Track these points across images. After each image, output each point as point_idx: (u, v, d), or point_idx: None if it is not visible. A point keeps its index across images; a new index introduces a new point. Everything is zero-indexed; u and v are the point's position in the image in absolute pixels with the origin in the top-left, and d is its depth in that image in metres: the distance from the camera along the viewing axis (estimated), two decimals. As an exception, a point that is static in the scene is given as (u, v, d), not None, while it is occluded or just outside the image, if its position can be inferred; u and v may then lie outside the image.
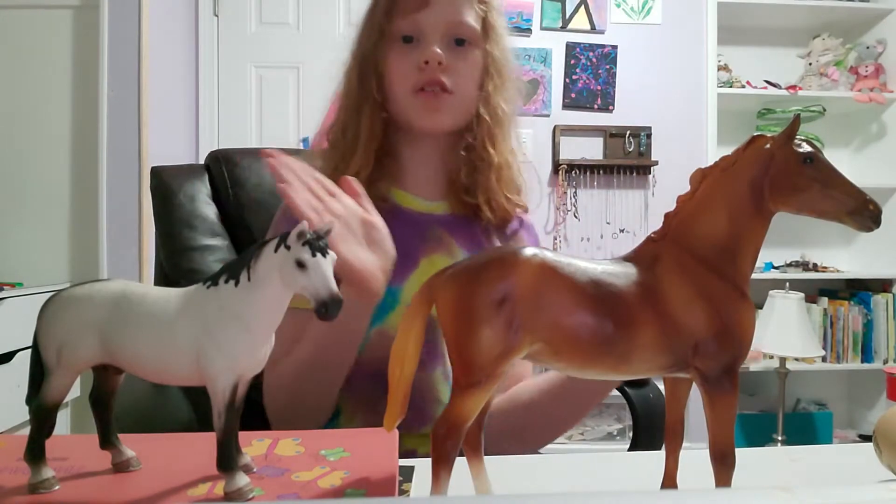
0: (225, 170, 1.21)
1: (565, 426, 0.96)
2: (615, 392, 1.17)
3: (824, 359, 2.77)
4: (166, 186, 1.18)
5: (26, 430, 0.47)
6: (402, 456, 0.53)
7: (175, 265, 1.12)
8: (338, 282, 0.44)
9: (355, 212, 0.72)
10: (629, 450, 1.11)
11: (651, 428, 1.12)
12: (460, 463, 0.45)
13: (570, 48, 2.85)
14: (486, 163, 0.94)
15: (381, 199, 0.89)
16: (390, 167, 0.93)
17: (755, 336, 0.48)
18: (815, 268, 2.87)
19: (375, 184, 0.90)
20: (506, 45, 0.97)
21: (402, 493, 0.53)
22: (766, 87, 2.84)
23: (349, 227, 0.71)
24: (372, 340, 0.86)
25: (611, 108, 2.87)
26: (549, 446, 0.97)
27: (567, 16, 2.85)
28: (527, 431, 0.92)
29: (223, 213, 1.20)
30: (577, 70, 2.85)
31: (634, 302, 0.44)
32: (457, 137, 0.96)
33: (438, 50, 0.88)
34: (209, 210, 1.18)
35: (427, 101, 0.90)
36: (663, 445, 0.51)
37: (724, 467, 0.45)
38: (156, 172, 1.21)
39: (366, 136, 0.91)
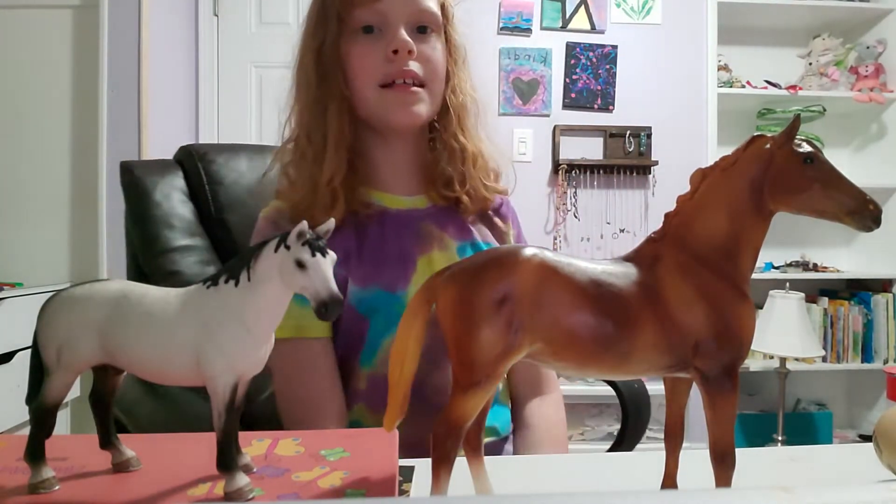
0: (200, 166, 1.16)
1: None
2: (613, 392, 1.18)
3: (824, 359, 2.76)
4: (140, 183, 1.11)
5: (26, 430, 0.47)
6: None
7: (157, 267, 1.07)
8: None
9: None
10: (616, 439, 1.12)
11: (636, 413, 1.13)
12: (460, 463, 0.45)
13: (570, 48, 2.85)
14: (460, 153, 0.91)
15: (364, 206, 0.86)
16: (363, 169, 0.88)
17: (755, 336, 0.48)
18: (815, 268, 2.87)
19: (355, 190, 0.86)
20: (462, 30, 0.93)
21: (402, 493, 0.53)
22: (766, 87, 2.84)
23: None
24: (388, 351, 0.84)
25: (611, 108, 2.87)
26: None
27: (567, 16, 2.85)
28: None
29: (200, 212, 1.15)
30: (577, 70, 2.85)
31: (634, 302, 0.44)
32: (425, 129, 0.93)
33: (407, 37, 0.83)
34: (186, 209, 1.13)
35: (400, 96, 0.85)
36: (663, 445, 0.51)
37: (724, 467, 0.45)
38: (126, 168, 1.13)
39: (335, 137, 0.85)
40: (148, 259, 1.08)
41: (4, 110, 2.63)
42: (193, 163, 1.16)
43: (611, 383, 1.15)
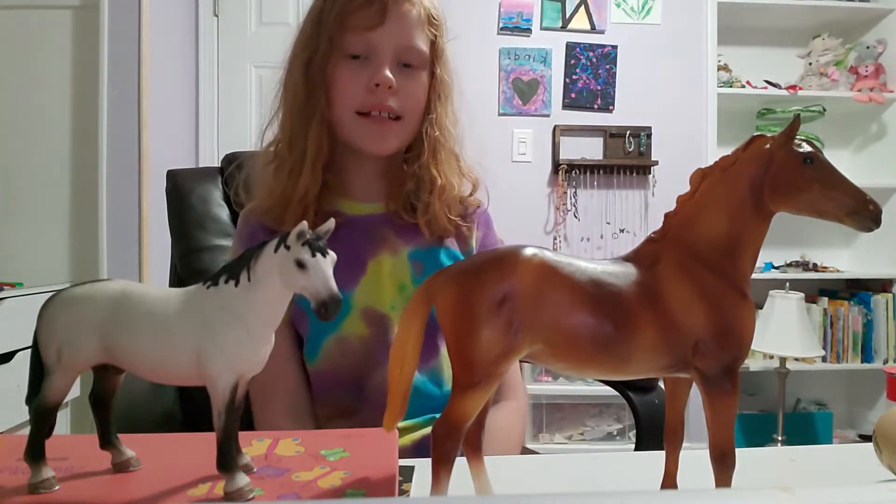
0: (236, 172, 1.19)
1: None
2: (614, 392, 1.17)
3: (824, 359, 2.76)
4: (180, 189, 1.20)
5: (26, 430, 0.47)
6: None
7: (187, 265, 1.13)
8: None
9: None
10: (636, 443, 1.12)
11: (655, 436, 1.11)
12: (460, 463, 0.45)
13: (570, 48, 2.85)
14: (430, 184, 0.93)
15: (333, 214, 0.87)
16: (335, 182, 0.91)
17: (755, 336, 0.48)
18: (815, 268, 2.87)
19: (324, 199, 0.89)
20: (451, 68, 0.96)
21: (402, 493, 0.53)
22: (766, 87, 2.84)
23: None
24: (330, 348, 0.86)
25: (611, 108, 2.87)
26: (549, 446, 0.97)
27: (567, 16, 2.85)
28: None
29: (235, 215, 1.19)
30: (577, 70, 2.85)
31: (634, 302, 0.44)
32: (400, 152, 0.95)
33: (389, 74, 0.86)
34: (222, 212, 1.19)
35: (374, 127, 0.88)
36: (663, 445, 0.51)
37: (724, 467, 0.45)
38: (171, 175, 1.22)
39: (313, 153, 0.88)
40: (181, 258, 1.15)
41: (4, 110, 2.63)
42: (231, 169, 1.22)
43: (629, 401, 1.13)
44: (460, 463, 0.45)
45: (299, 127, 0.89)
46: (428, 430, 0.91)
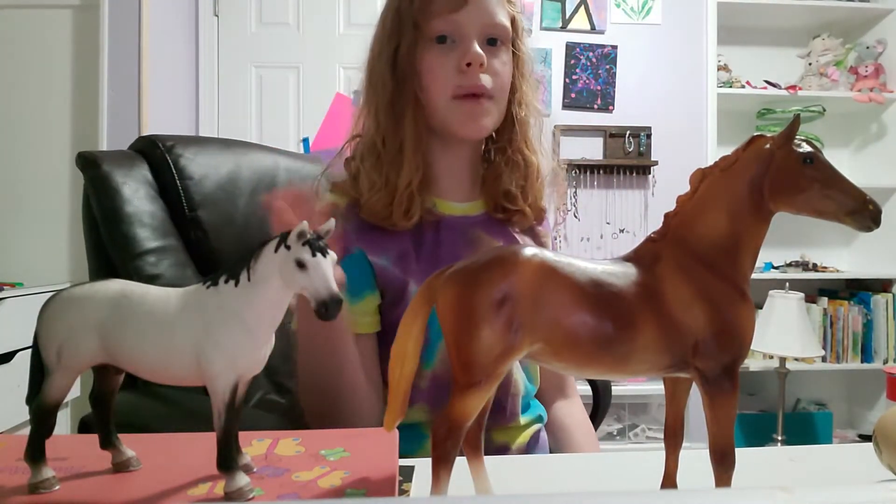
0: (169, 159, 1.09)
1: None
2: (614, 392, 1.22)
3: (824, 359, 2.76)
4: (108, 178, 1.02)
5: (26, 430, 0.47)
6: (495, 451, 0.51)
7: (136, 269, 1.00)
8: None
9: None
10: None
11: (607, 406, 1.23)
12: (460, 463, 0.45)
13: (570, 48, 2.85)
14: (524, 167, 0.92)
15: (427, 212, 0.88)
16: (426, 175, 0.89)
17: (755, 336, 0.48)
18: (815, 268, 2.87)
19: (421, 195, 0.87)
20: (528, 44, 0.95)
21: (402, 493, 0.53)
22: (765, 87, 2.84)
23: None
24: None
25: (611, 108, 2.87)
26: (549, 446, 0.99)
27: (567, 16, 2.85)
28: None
29: (171, 210, 1.08)
30: (577, 70, 2.85)
31: (634, 302, 0.44)
32: (486, 138, 0.94)
33: (480, 51, 0.85)
34: (156, 206, 1.06)
35: (470, 108, 0.87)
36: (663, 445, 0.51)
37: (724, 467, 0.45)
38: (91, 160, 1.03)
39: (412, 143, 0.86)
40: (125, 261, 1.01)
41: (4, 110, 2.63)
42: (160, 155, 1.09)
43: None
44: (460, 463, 0.45)
45: (393, 120, 0.87)
46: (537, 426, 0.94)
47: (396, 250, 0.86)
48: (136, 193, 1.04)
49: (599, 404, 1.22)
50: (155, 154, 1.10)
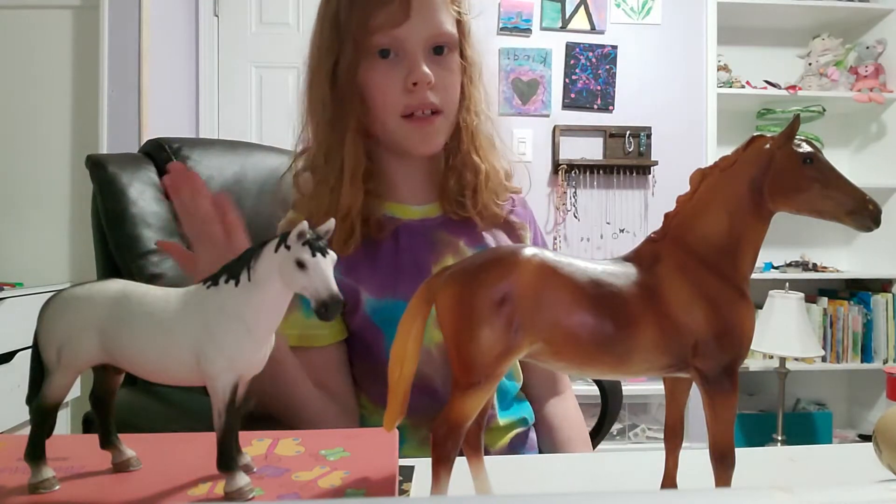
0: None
1: None
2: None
3: (824, 359, 2.77)
4: (115, 179, 1.05)
5: (26, 430, 0.47)
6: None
7: (139, 269, 1.02)
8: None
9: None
10: (596, 425, 1.18)
11: (616, 412, 1.21)
12: (460, 463, 0.45)
13: (570, 48, 2.85)
14: (474, 172, 0.91)
15: (377, 226, 0.87)
16: (379, 187, 0.88)
17: (755, 336, 0.48)
18: (815, 268, 2.87)
19: (373, 207, 0.86)
20: (478, 44, 0.92)
21: (402, 493, 0.53)
22: (765, 87, 2.84)
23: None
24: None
25: (611, 108, 2.87)
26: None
27: (567, 16, 2.85)
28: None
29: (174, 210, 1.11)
30: (577, 70, 2.85)
31: (634, 302, 0.44)
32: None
33: (427, 69, 0.82)
34: (162, 207, 1.08)
35: (419, 128, 0.85)
36: (663, 445, 0.51)
37: (724, 467, 0.45)
38: (97, 161, 1.06)
39: (352, 165, 0.84)
40: (128, 261, 1.04)
41: (4, 110, 2.63)
42: (167, 158, 1.11)
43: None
44: (460, 463, 0.45)
45: (333, 139, 0.85)
46: (520, 429, 0.93)
47: (346, 262, 0.82)
48: (142, 195, 1.06)
49: (608, 409, 1.20)
50: (161, 156, 1.12)
